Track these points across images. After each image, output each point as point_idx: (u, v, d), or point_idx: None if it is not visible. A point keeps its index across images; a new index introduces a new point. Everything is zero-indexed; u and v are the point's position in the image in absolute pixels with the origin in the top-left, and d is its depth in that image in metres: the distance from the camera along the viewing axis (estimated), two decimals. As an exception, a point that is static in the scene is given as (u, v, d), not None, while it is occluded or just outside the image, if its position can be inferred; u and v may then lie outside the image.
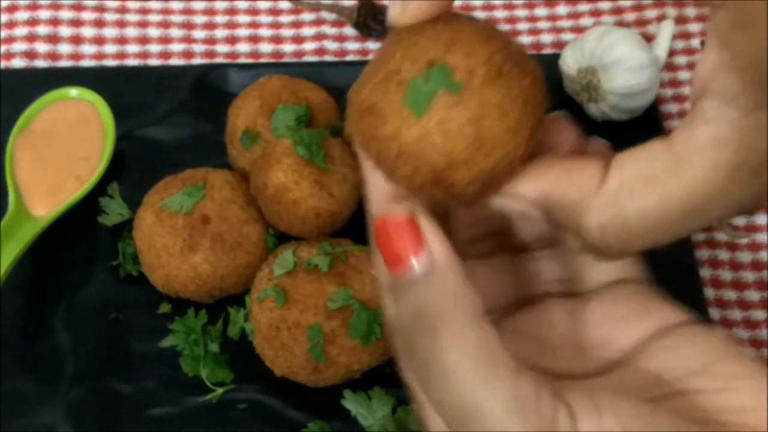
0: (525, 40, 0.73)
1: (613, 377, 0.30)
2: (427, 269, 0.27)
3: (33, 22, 0.71)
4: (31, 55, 0.70)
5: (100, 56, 0.71)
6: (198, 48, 0.71)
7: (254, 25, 0.73)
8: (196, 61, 0.71)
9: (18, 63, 0.69)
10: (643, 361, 0.30)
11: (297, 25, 0.73)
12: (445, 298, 0.26)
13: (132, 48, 0.71)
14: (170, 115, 0.66)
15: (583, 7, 0.75)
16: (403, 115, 0.27)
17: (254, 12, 0.74)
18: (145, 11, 0.73)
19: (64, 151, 0.62)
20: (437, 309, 0.26)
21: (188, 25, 0.73)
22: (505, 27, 0.73)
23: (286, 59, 0.71)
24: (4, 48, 0.70)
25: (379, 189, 0.31)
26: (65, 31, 0.71)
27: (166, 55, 0.71)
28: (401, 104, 0.27)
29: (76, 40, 0.71)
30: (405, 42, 0.28)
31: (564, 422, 0.25)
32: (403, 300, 0.27)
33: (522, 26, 0.74)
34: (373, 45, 0.72)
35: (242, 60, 0.71)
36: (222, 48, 0.72)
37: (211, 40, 0.72)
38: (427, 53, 0.27)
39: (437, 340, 0.26)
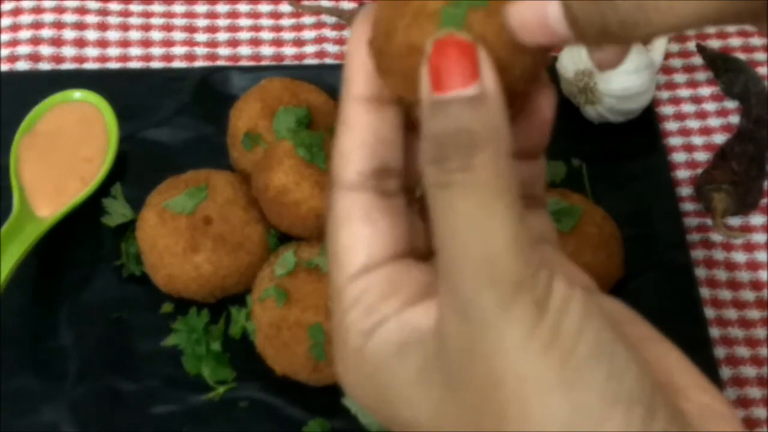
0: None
1: None
2: (477, 96, 0.26)
3: (37, 25, 0.72)
4: (35, 57, 0.70)
5: (103, 59, 0.71)
6: (200, 51, 0.72)
7: (255, 28, 0.73)
8: (198, 63, 0.71)
9: (22, 65, 0.70)
10: None
11: (298, 28, 0.74)
12: (489, 128, 0.26)
13: (135, 51, 0.72)
14: (173, 117, 0.67)
15: (581, 10, 0.75)
16: None
17: (255, 15, 0.74)
18: (148, 14, 0.73)
19: (68, 153, 0.62)
20: (479, 133, 0.26)
21: (190, 29, 0.73)
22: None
23: (287, 62, 0.72)
24: (8, 51, 0.70)
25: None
26: (69, 34, 0.72)
27: (168, 57, 0.72)
28: None
29: (80, 43, 0.71)
30: None
31: (542, 279, 0.26)
32: (444, 116, 0.26)
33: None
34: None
35: (244, 63, 0.71)
36: (224, 51, 0.72)
37: (212, 43, 0.72)
38: None
39: (474, 156, 0.26)
